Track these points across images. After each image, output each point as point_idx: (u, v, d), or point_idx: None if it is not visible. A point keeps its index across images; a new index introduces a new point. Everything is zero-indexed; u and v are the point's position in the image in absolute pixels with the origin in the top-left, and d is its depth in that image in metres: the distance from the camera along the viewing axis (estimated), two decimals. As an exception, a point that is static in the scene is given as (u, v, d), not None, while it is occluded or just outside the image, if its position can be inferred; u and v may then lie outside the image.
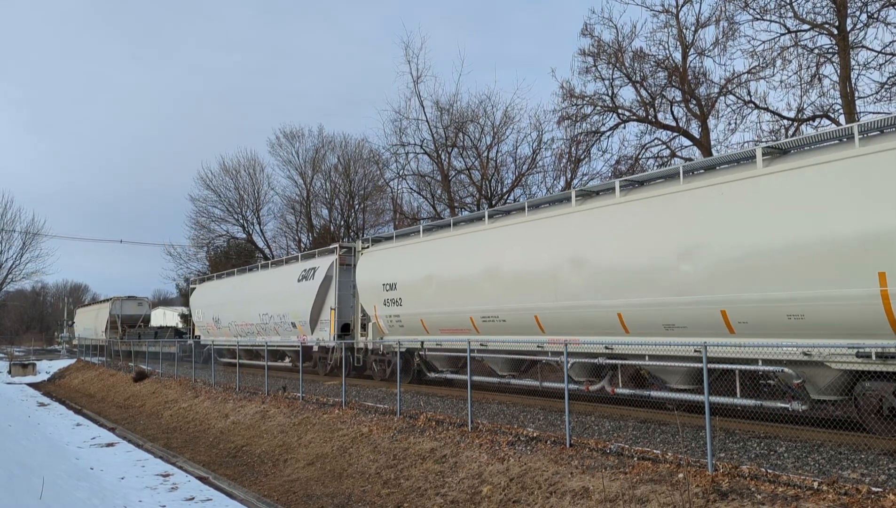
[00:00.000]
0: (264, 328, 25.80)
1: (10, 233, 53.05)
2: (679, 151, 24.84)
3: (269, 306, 25.17)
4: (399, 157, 33.71)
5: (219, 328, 30.11)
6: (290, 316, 23.84)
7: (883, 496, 7.02)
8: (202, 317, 32.15)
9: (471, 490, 10.06)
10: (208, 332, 31.57)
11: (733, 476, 8.15)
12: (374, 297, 19.50)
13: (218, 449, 16.30)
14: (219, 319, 29.90)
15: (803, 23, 20.62)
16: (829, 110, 20.64)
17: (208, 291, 32.91)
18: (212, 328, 30.96)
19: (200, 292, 33.98)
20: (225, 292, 30.17)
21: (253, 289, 27.23)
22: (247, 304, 27.09)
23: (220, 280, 32.16)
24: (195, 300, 33.85)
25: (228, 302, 29.15)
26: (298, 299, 23.12)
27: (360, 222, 45.36)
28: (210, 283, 33.76)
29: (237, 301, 28.17)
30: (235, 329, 28.47)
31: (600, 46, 25.53)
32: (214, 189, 47.56)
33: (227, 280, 31.00)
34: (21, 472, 10.29)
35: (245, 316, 27.33)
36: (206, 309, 31.60)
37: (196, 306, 33.61)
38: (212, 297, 31.64)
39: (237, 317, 28.09)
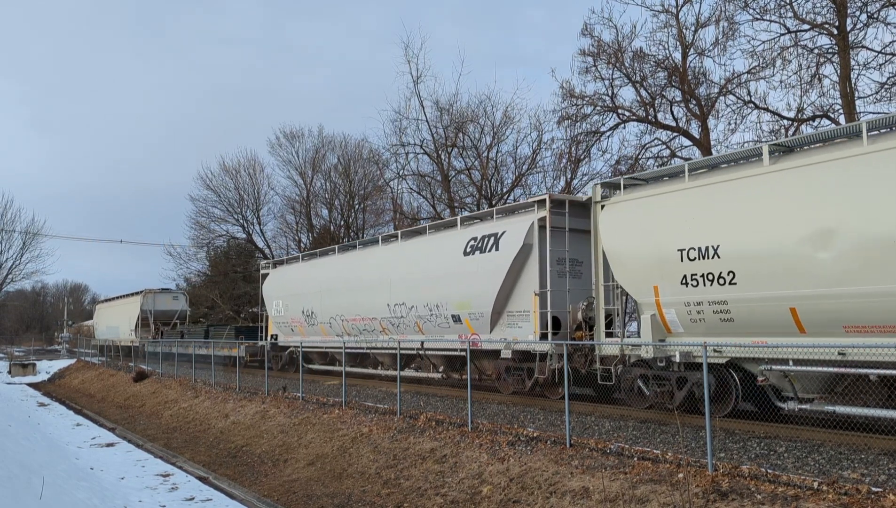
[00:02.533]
0: (397, 323, 19.22)
1: (10, 233, 53.05)
2: (679, 151, 24.85)
3: (410, 294, 18.51)
4: (399, 157, 33.74)
5: (312, 324, 23.63)
6: (449, 306, 17.13)
7: (883, 496, 7.02)
8: (283, 311, 25.43)
9: (471, 490, 10.06)
10: (293, 331, 25.13)
11: (733, 476, 8.15)
12: (652, 273, 12.21)
13: (218, 449, 16.30)
14: (313, 313, 23.35)
15: (803, 23, 20.63)
16: (829, 110, 20.66)
17: (293, 276, 25.57)
18: (300, 325, 24.47)
19: (279, 278, 26.81)
20: (323, 276, 23.24)
21: (375, 271, 20.36)
22: (364, 292, 20.49)
23: (312, 261, 25.01)
24: (270, 289, 26.90)
25: (330, 290, 22.44)
26: (468, 281, 16.40)
27: (360, 222, 45.38)
28: (296, 266, 26.14)
29: (345, 288, 21.55)
30: (342, 327, 21.99)
31: (600, 46, 25.55)
32: (214, 189, 47.58)
33: (325, 261, 23.99)
34: (21, 472, 10.29)
35: (360, 308, 20.73)
36: (291, 300, 24.91)
37: (272, 298, 26.49)
38: (299, 284, 24.60)
39: (345, 310, 21.61)
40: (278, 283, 26.50)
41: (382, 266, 20.01)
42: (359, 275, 21.08)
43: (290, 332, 25.35)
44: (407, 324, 18.74)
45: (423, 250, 18.76)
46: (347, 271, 21.88)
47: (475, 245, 16.57)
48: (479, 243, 16.42)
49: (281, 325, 25.98)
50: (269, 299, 26.79)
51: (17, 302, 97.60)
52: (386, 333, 19.83)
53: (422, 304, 17.99)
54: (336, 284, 22.07)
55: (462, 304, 16.75)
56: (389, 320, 19.38)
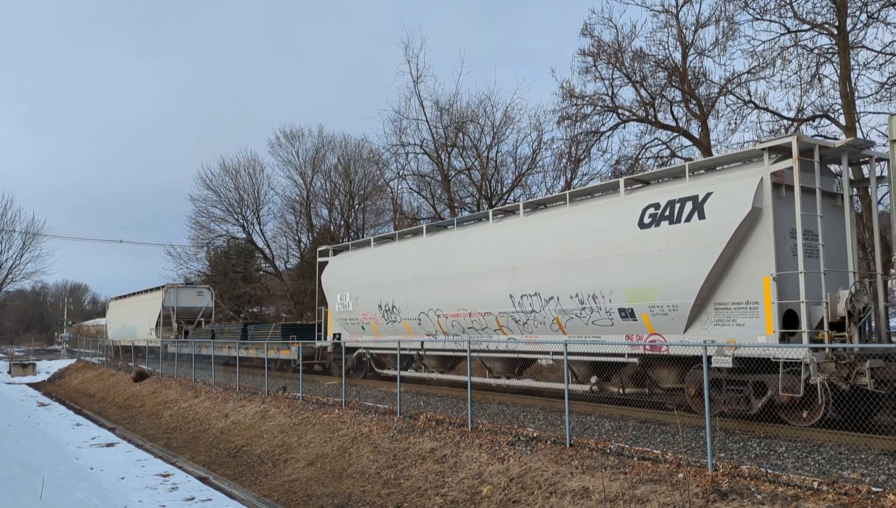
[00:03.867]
0: (524, 320, 15.19)
1: (10, 233, 53.05)
2: (679, 151, 24.84)
3: (547, 282, 14.55)
4: (399, 157, 33.72)
5: (392, 321, 19.58)
6: (615, 297, 13.07)
7: (883, 496, 7.02)
8: (351, 306, 21.47)
9: (471, 490, 10.06)
10: (363, 329, 21.10)
11: (733, 476, 8.15)
12: None
13: (218, 449, 16.30)
14: (394, 307, 19.37)
15: (803, 23, 20.62)
16: (829, 110, 20.64)
17: (365, 264, 21.36)
18: (374, 322, 20.43)
19: (344, 266, 22.71)
20: (409, 263, 19.04)
21: (488, 254, 16.30)
22: (472, 281, 16.54)
23: (390, 245, 20.74)
24: (333, 280, 22.88)
25: (419, 279, 18.30)
26: (651, 263, 12.43)
27: (360, 222, 45.38)
28: (367, 251, 21.76)
29: (443, 277, 17.44)
30: (436, 324, 17.89)
31: (600, 46, 25.53)
32: (214, 189, 47.59)
33: (409, 244, 19.86)
34: (21, 472, 10.29)
35: (467, 301, 16.66)
36: (363, 293, 20.75)
37: (335, 290, 22.42)
38: (374, 273, 20.46)
39: (443, 303, 17.43)
40: (343, 272, 22.34)
41: (500, 248, 15.98)
42: (464, 260, 16.92)
43: (360, 330, 21.26)
44: (540, 321, 14.81)
45: (566, 225, 14.55)
46: (445, 256, 17.65)
47: (659, 213, 12.47)
48: (667, 210, 12.38)
49: (347, 322, 21.80)
50: (332, 291, 22.63)
51: (17, 302, 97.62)
52: (504, 332, 15.84)
53: (567, 294, 14.00)
54: (429, 271, 17.97)
55: (638, 293, 12.63)
56: (512, 315, 15.41)
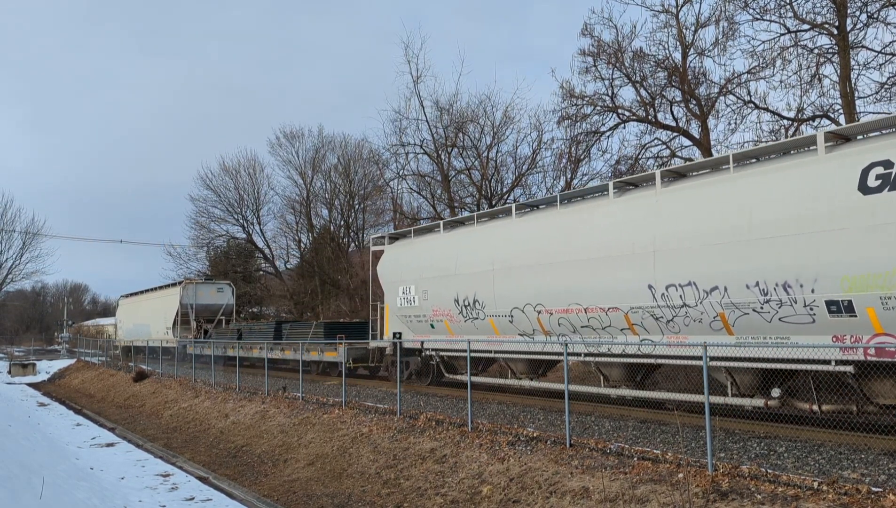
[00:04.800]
0: (669, 316, 12.25)
1: (10, 233, 53.05)
2: (679, 151, 24.84)
3: (706, 268, 11.51)
4: (399, 157, 33.72)
5: (474, 318, 16.61)
6: (822, 284, 10.10)
7: (883, 496, 7.02)
8: (416, 300, 18.49)
9: (471, 490, 10.06)
10: (432, 327, 18.27)
11: (733, 476, 8.15)
12: None
13: (218, 449, 16.30)
14: (476, 302, 16.47)
15: (803, 23, 20.62)
16: (829, 110, 20.64)
17: (434, 252, 18.37)
18: (448, 319, 17.46)
19: (405, 255, 19.64)
20: (495, 250, 16.13)
21: (610, 236, 13.30)
22: (585, 269, 13.60)
23: (466, 229, 17.91)
24: (391, 271, 19.85)
25: (512, 269, 15.41)
26: (871, 240, 9.56)
27: (360, 222, 45.40)
28: (436, 237, 18.74)
29: (547, 265, 14.51)
30: (535, 322, 14.96)
31: (600, 46, 25.53)
32: (214, 189, 47.65)
33: (494, 227, 16.79)
34: (21, 472, 10.29)
35: (584, 294, 13.73)
36: (433, 285, 17.92)
37: (395, 282, 19.48)
38: (448, 262, 17.54)
39: (546, 296, 14.56)
40: (406, 262, 19.32)
41: (632, 229, 12.84)
42: (578, 245, 13.81)
43: (429, 329, 18.34)
44: (694, 318, 11.88)
45: (736, 195, 11.33)
46: (549, 241, 14.64)
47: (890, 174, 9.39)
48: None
49: (411, 319, 18.95)
50: (391, 284, 19.65)
51: (17, 302, 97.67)
52: (634, 332, 12.95)
53: (739, 284, 11.01)
54: (525, 259, 15.04)
55: (861, 281, 9.66)
56: (651, 311, 12.41)
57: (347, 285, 41.58)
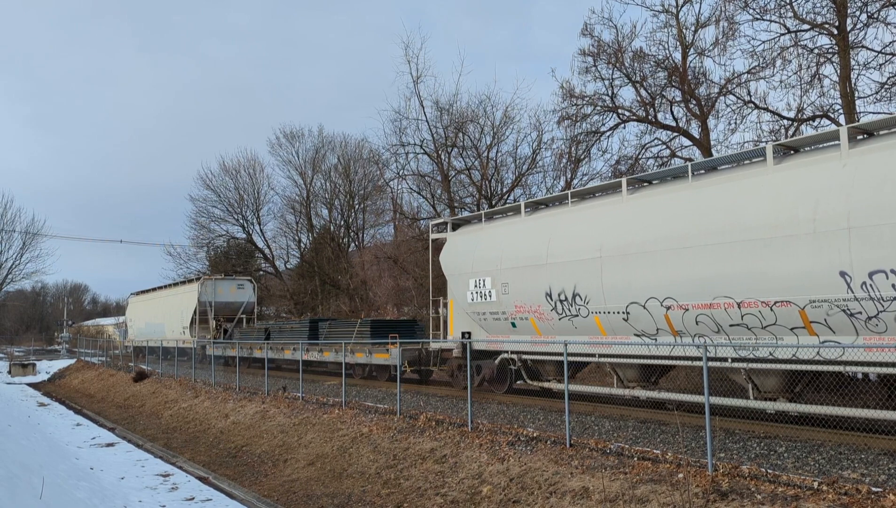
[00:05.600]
0: (862, 311, 9.78)
1: (10, 233, 53.05)
2: (679, 151, 24.85)
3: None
4: (399, 157, 33.72)
5: (570, 316, 14.26)
6: None
7: (883, 496, 7.02)
8: (492, 295, 16.15)
9: (471, 490, 10.06)
10: (513, 326, 15.90)
11: (733, 476, 8.15)
12: None
13: (218, 449, 16.30)
14: (576, 296, 14.02)
15: (803, 23, 20.62)
16: (829, 110, 20.64)
17: (512, 238, 16.10)
18: (535, 315, 15.08)
19: (475, 243, 17.25)
20: (599, 232, 13.72)
21: (775, 211, 10.76)
22: (739, 253, 11.08)
23: (560, 210, 15.39)
24: (458, 262, 17.48)
25: (626, 256, 12.96)
26: None
27: (360, 222, 45.43)
28: (513, 222, 16.59)
29: (673, 249, 12.10)
30: (659, 318, 12.46)
31: (600, 46, 25.54)
32: (214, 189, 47.71)
33: (594, 207, 14.39)
34: (21, 472, 10.29)
35: (729, 285, 11.25)
36: (514, 276, 15.57)
37: (463, 274, 17.11)
38: (533, 250, 15.22)
39: (675, 288, 12.06)
40: (477, 250, 16.89)
41: (811, 199, 10.31)
42: (729, 222, 11.22)
43: (508, 328, 15.94)
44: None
45: None
46: (679, 220, 12.11)
47: None
48: None
49: (486, 317, 16.53)
50: (458, 276, 17.26)
51: (17, 302, 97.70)
52: (811, 331, 10.53)
53: None
54: (649, 243, 12.51)
55: None
56: (843, 305, 9.95)
57: (347, 285, 41.61)
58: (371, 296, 38.30)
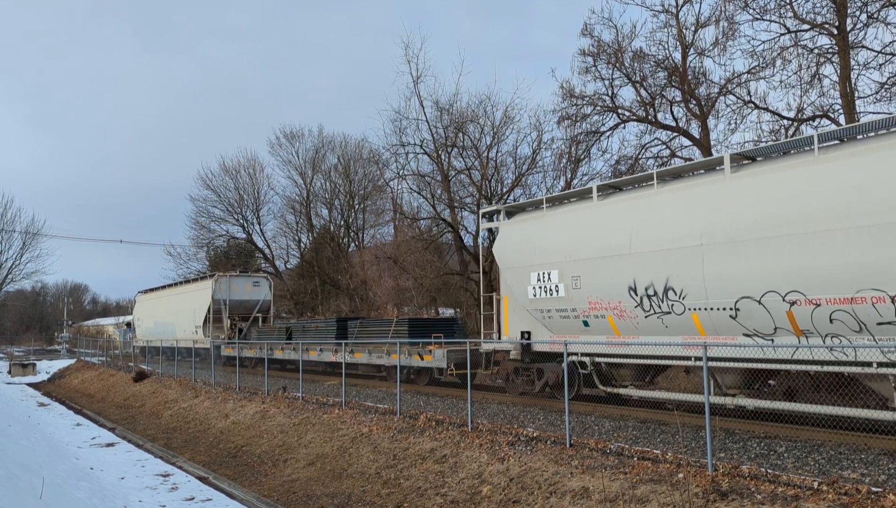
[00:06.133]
0: None
1: (10, 233, 53.05)
2: (679, 151, 24.85)
3: None
4: (399, 157, 33.70)
5: (660, 313, 12.48)
6: None
7: (883, 496, 7.02)
8: (559, 290, 14.40)
9: (471, 490, 10.06)
10: (584, 324, 14.10)
11: (733, 476, 8.15)
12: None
13: (218, 449, 16.30)
14: (668, 290, 12.29)
15: (803, 23, 20.63)
16: (829, 110, 20.66)
17: (583, 224, 14.40)
18: (613, 312, 13.40)
19: (535, 231, 15.49)
20: (699, 215, 11.98)
21: None
22: (889, 236, 9.29)
23: (641, 193, 13.56)
24: (516, 253, 15.76)
25: (734, 243, 11.21)
26: None
27: (360, 222, 45.44)
28: (581, 207, 14.75)
29: (800, 234, 10.32)
30: (779, 316, 10.71)
31: (600, 46, 25.54)
32: (214, 189, 47.73)
33: (687, 187, 12.61)
34: (21, 472, 10.29)
35: (880, 275, 9.44)
36: (587, 269, 13.88)
37: (525, 266, 15.31)
38: (610, 236, 13.52)
39: (802, 280, 10.33)
40: (538, 241, 15.19)
41: None
42: (881, 200, 9.46)
43: (579, 327, 14.22)
44: None
45: None
46: (809, 197, 10.29)
47: None
48: None
49: (550, 315, 14.76)
50: (516, 270, 15.57)
51: (17, 302, 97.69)
52: None
53: None
54: (762, 227, 10.81)
55: None
56: None
57: (347, 285, 41.62)
58: (371, 296, 38.30)
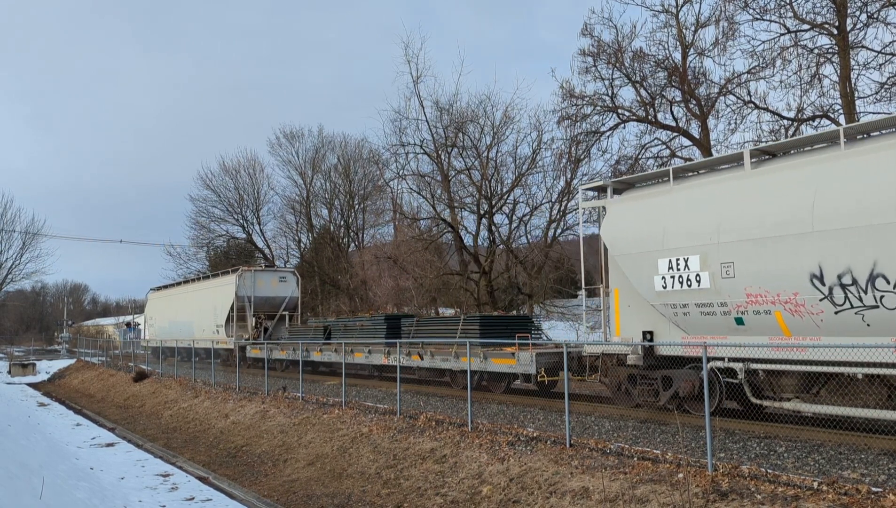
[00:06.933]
0: None
1: (10, 233, 53.03)
2: (679, 151, 24.86)
3: None
4: (399, 157, 33.74)
5: (860, 307, 9.97)
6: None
7: (883, 496, 7.02)
8: (697, 281, 12.00)
9: (471, 490, 10.06)
10: (738, 322, 11.63)
11: (733, 476, 8.15)
12: None
13: (218, 449, 16.30)
14: (875, 278, 9.75)
15: (803, 23, 20.64)
16: (829, 110, 20.67)
17: (735, 198, 11.73)
18: (778, 307, 10.97)
19: (654, 210, 13.12)
20: None
21: None
22: None
23: (828, 154, 10.73)
24: (634, 238, 13.24)
25: None
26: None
27: (359, 222, 45.45)
28: (734, 176, 12.10)
29: None
30: None
31: (600, 46, 25.56)
32: (214, 189, 47.74)
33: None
34: (21, 472, 10.29)
35: None
36: (743, 255, 11.32)
37: (647, 253, 12.85)
38: (779, 212, 10.87)
39: None
40: (665, 220, 12.70)
41: None
42: None
43: (729, 326, 11.71)
44: None
45: None
46: None
47: None
48: None
49: (685, 311, 12.28)
50: (632, 256, 13.17)
51: (17, 302, 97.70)
52: None
53: None
54: None
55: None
56: None
57: (347, 285, 41.63)
58: (371, 296, 38.31)
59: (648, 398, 13.25)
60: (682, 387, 12.48)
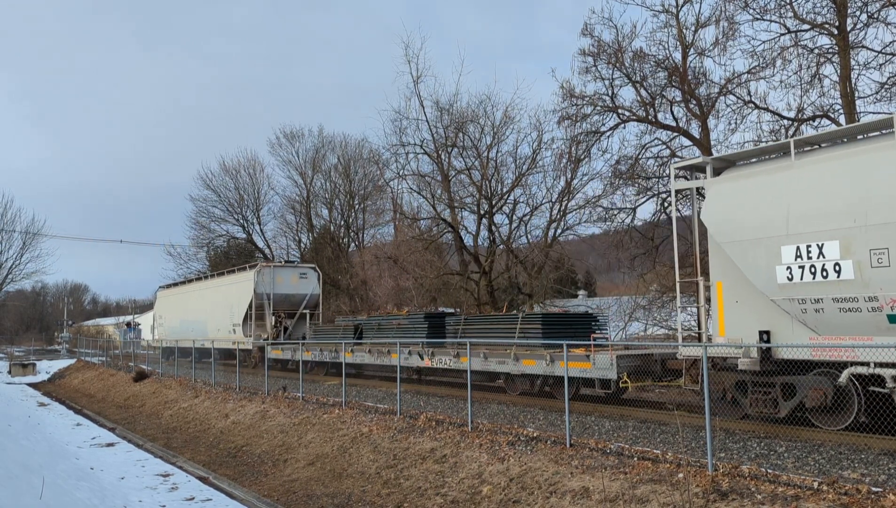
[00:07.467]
0: None
1: (10, 233, 53.00)
2: (679, 151, 24.83)
3: None
4: (399, 157, 33.68)
5: None
6: None
7: (883, 496, 7.02)
8: (837, 271, 10.19)
9: (471, 490, 10.06)
10: None
11: (733, 476, 8.16)
12: None
13: (218, 449, 16.30)
14: None
15: (803, 23, 20.62)
16: (829, 110, 20.64)
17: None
18: None
19: (769, 189, 11.42)
20: None
21: None
22: None
23: None
24: (745, 223, 11.56)
25: None
26: None
27: (360, 222, 45.46)
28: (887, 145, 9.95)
29: None
30: None
31: (600, 46, 25.52)
32: (214, 189, 47.71)
33: None
34: (21, 472, 10.30)
35: None
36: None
37: (762, 240, 11.20)
38: None
39: None
40: (786, 200, 11.08)
41: None
42: None
43: (878, 324, 10.04)
44: None
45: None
46: None
47: None
48: None
49: (817, 307, 10.60)
50: (745, 244, 11.51)
51: (17, 302, 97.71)
52: None
53: None
54: None
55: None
56: None
57: (347, 285, 41.62)
58: (371, 296, 38.31)
59: (764, 409, 11.42)
60: (809, 397, 10.69)
